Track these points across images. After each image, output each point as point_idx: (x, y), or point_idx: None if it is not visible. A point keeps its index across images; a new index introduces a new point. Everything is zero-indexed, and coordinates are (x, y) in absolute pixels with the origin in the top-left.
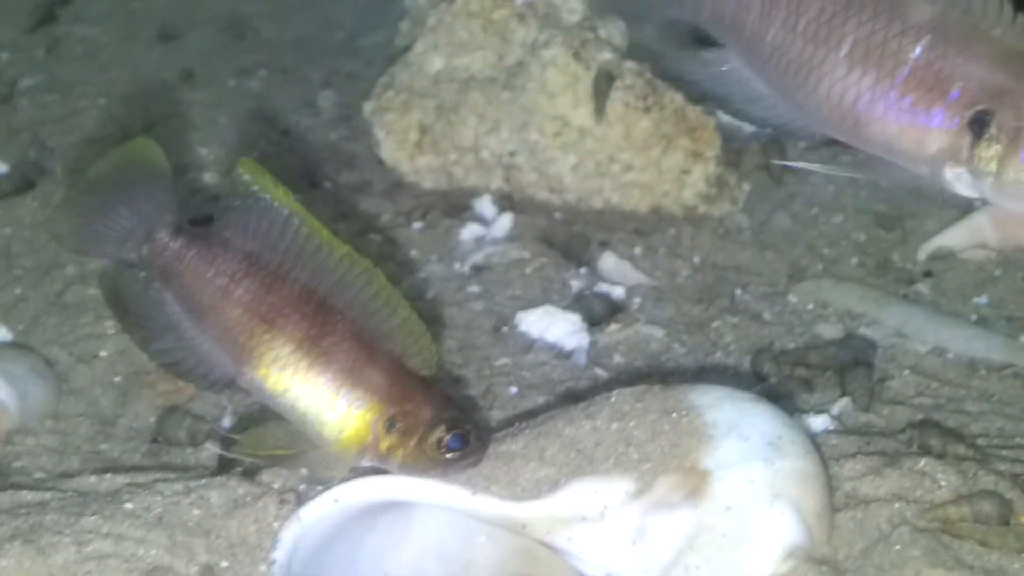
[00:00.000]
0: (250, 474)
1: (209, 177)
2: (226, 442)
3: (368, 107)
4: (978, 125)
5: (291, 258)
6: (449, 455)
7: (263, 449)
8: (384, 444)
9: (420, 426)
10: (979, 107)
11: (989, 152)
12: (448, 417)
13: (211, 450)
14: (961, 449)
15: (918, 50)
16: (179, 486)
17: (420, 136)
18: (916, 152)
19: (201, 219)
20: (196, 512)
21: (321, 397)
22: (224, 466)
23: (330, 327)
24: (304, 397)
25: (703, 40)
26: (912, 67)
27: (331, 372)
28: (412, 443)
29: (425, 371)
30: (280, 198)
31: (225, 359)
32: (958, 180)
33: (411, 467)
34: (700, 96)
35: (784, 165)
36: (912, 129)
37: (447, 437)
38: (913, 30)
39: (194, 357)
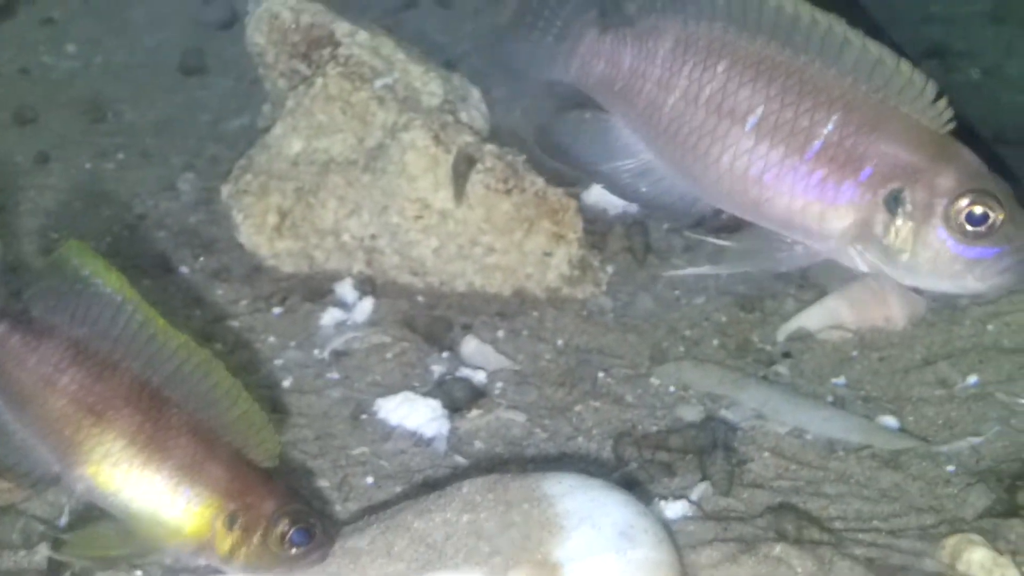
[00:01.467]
0: None
1: None
2: (58, 543)
3: (226, 190)
4: (892, 203)
5: (123, 346)
6: (294, 550)
7: (94, 550)
8: (225, 543)
9: (262, 521)
10: (893, 185)
11: (904, 230)
12: (291, 510)
13: (45, 553)
14: (816, 533)
15: (830, 126)
16: None
17: (279, 220)
18: (821, 228)
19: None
20: None
21: (157, 495)
22: (54, 570)
23: (165, 420)
24: (139, 496)
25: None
26: (824, 143)
27: (167, 468)
28: (255, 539)
29: (267, 463)
30: (112, 283)
31: (50, 454)
32: (864, 257)
33: (255, 566)
34: (579, 175)
35: (671, 275)
36: (819, 205)
37: (291, 531)
38: (825, 105)
39: (15, 452)
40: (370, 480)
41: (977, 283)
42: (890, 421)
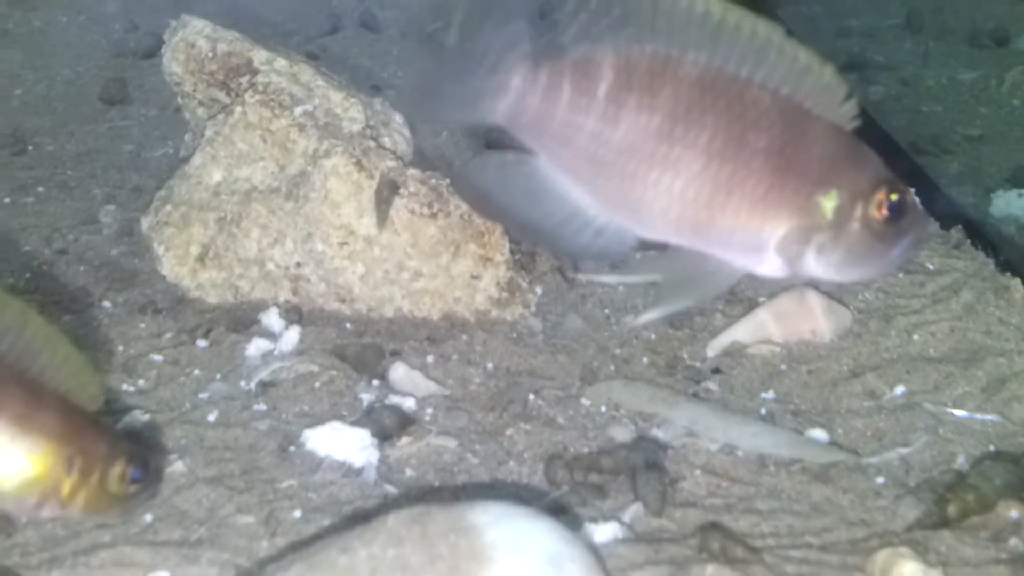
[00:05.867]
0: None
1: None
2: None
3: (146, 222)
4: (825, 205)
5: None
6: (132, 488)
7: None
8: (65, 488)
9: (98, 462)
10: (826, 188)
11: (835, 229)
12: (124, 448)
13: None
14: (741, 552)
15: (771, 138)
16: None
17: (202, 250)
18: (759, 240)
19: None
20: None
21: None
22: None
23: None
24: None
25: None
26: (766, 156)
27: (3, 422)
28: (94, 481)
29: (92, 406)
30: None
31: None
32: (795, 263)
33: (95, 508)
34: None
35: (635, 325)
36: (761, 217)
37: (129, 469)
38: (765, 118)
39: None
40: (298, 514)
41: (892, 266)
42: (819, 434)
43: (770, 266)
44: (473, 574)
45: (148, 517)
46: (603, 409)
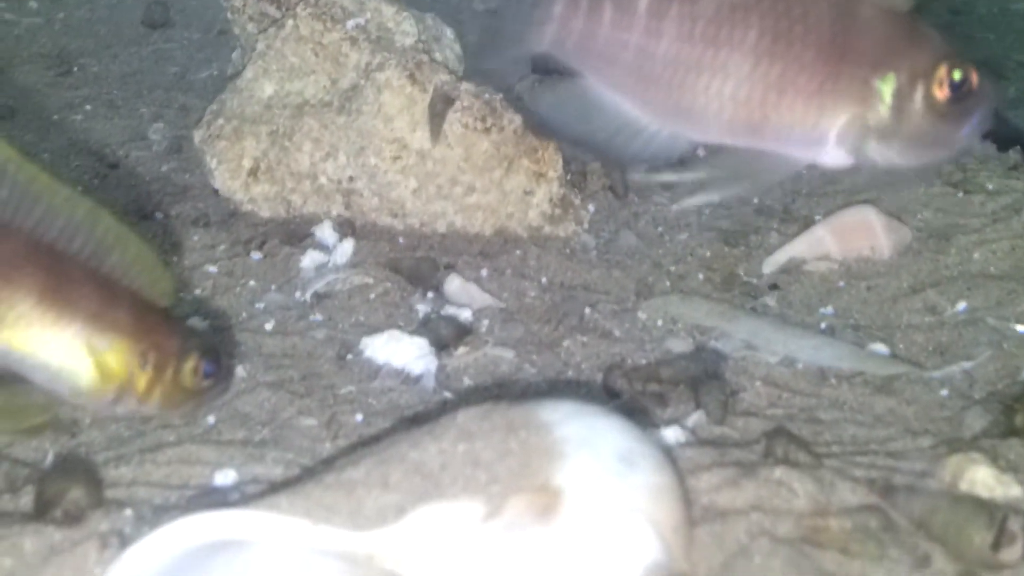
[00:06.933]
0: (71, 516)
1: None
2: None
3: (198, 135)
4: (884, 88)
5: (13, 208)
6: (205, 382)
7: (18, 425)
8: (141, 383)
9: (172, 357)
10: (883, 71)
11: (897, 112)
12: (197, 343)
13: (30, 496)
14: (808, 458)
15: (820, 29)
16: None
17: (254, 164)
18: (818, 132)
19: None
20: (8, 561)
21: (73, 348)
22: (42, 511)
23: (68, 273)
24: (56, 352)
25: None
26: (816, 47)
27: (79, 320)
28: (168, 376)
29: (164, 301)
30: None
31: None
32: (857, 150)
33: (170, 403)
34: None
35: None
36: (817, 109)
37: (201, 363)
38: (812, 8)
39: None
40: (359, 418)
41: (960, 144)
42: (880, 348)
43: (831, 157)
44: (544, 469)
45: (211, 419)
46: (660, 323)
